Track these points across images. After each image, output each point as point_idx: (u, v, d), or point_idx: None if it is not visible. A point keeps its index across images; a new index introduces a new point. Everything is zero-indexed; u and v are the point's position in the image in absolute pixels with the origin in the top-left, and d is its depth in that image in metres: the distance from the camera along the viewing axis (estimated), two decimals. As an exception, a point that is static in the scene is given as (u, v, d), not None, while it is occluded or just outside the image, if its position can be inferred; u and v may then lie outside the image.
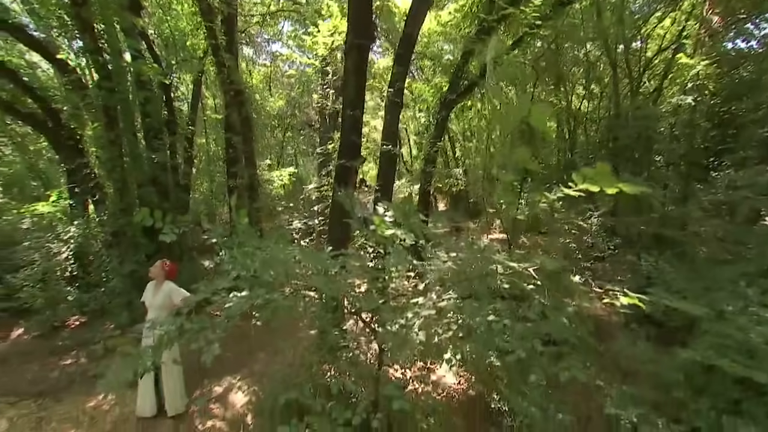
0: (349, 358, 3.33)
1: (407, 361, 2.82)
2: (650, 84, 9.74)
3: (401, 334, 2.15)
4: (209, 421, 3.71)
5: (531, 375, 3.16)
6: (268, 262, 1.96)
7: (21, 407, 3.95)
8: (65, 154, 6.10)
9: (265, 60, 13.68)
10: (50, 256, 5.75)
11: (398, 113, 5.66)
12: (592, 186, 1.31)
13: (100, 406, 3.98)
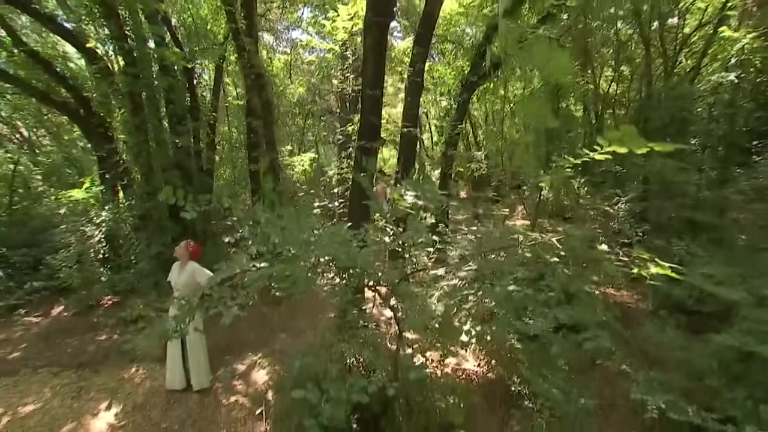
0: (368, 337, 3.35)
1: (423, 332, 2.77)
2: (687, 63, 9.15)
3: (418, 303, 2.12)
4: (232, 396, 3.84)
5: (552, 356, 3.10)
6: (288, 237, 1.97)
7: (63, 377, 4.21)
8: (96, 141, 6.34)
9: (285, 48, 13.72)
10: (84, 239, 6.03)
11: (419, 95, 5.55)
12: (619, 148, 1.23)
13: (132, 378, 4.19)
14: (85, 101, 6.13)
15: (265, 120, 5.77)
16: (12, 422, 3.55)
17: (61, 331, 5.08)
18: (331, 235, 2.13)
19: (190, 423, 3.50)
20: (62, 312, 5.63)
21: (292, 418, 3.01)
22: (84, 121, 6.31)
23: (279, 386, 3.66)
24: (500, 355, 3.87)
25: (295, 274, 1.97)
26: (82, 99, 6.11)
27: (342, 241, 2.18)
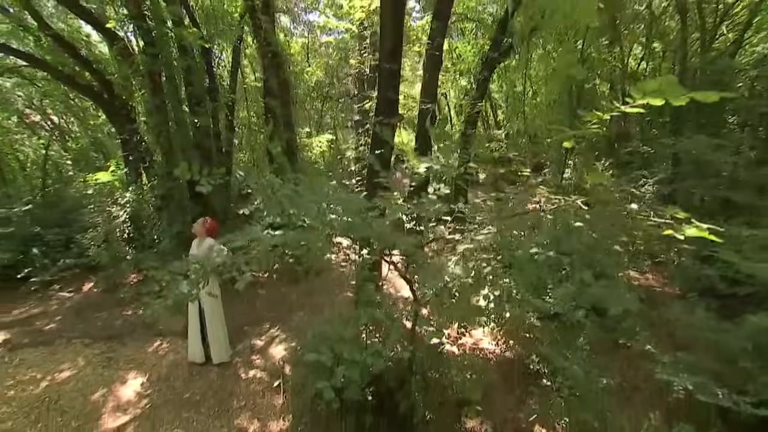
0: (384, 313, 3.35)
1: (440, 306, 2.72)
2: (728, 36, 8.53)
3: (435, 274, 2.07)
4: (251, 370, 3.94)
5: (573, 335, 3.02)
6: (302, 203, 1.95)
7: (94, 348, 4.42)
8: (119, 124, 6.49)
9: (302, 31, 13.59)
10: (110, 220, 6.24)
11: (438, 70, 5.39)
12: (655, 100, 1.11)
13: (157, 351, 4.35)
14: (108, 84, 6.25)
15: (282, 99, 5.75)
16: (50, 386, 3.77)
17: (91, 306, 5.32)
18: (347, 203, 2.09)
19: (210, 394, 3.62)
20: (92, 288, 5.89)
21: (309, 391, 3.05)
22: (107, 104, 6.45)
23: (296, 361, 3.72)
24: (518, 334, 3.81)
25: (309, 242, 1.95)
26: (105, 82, 6.24)
27: (358, 209, 2.14)
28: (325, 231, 2.03)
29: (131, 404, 3.52)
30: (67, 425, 3.29)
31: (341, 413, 2.86)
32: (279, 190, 1.95)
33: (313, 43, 13.69)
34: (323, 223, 2.17)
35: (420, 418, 2.79)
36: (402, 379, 2.91)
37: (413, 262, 2.48)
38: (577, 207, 1.98)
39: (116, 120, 6.65)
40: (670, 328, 3.63)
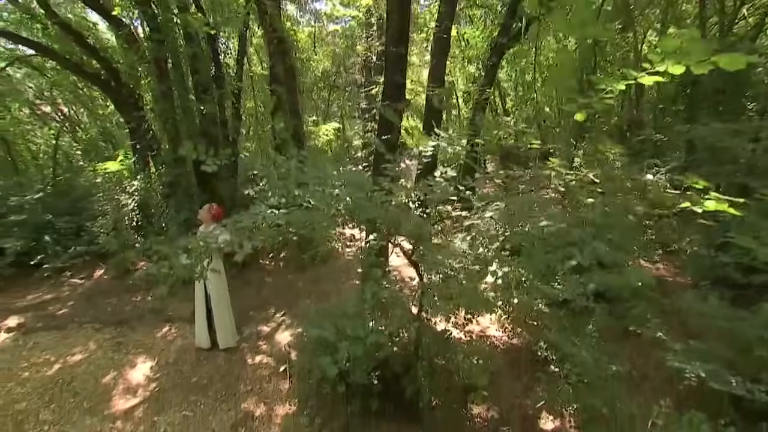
0: (391, 298, 3.33)
1: (445, 283, 2.68)
2: (749, 21, 8.20)
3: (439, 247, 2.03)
4: (258, 355, 3.97)
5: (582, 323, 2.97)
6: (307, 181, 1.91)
7: (104, 332, 4.50)
8: (127, 112, 6.51)
9: (309, 19, 13.46)
10: (119, 208, 6.31)
11: (446, 55, 5.28)
12: (675, 67, 1.04)
13: (165, 336, 4.41)
14: (115, 73, 6.26)
15: (288, 86, 5.71)
16: (62, 369, 3.85)
17: (101, 292, 5.40)
18: (352, 181, 2.05)
19: (218, 378, 3.65)
20: (102, 275, 5.97)
21: (314, 376, 3.06)
22: (115, 92, 6.47)
23: (302, 346, 3.73)
24: (525, 321, 3.77)
25: (313, 222, 1.93)
26: (112, 70, 6.25)
27: (362, 186, 2.11)
28: (330, 211, 2.00)
29: (140, 387, 3.57)
30: (80, 406, 3.35)
31: (347, 397, 2.86)
32: (282, 167, 1.92)
33: (319, 32, 13.56)
34: (327, 203, 2.14)
35: (426, 403, 2.78)
36: (408, 364, 2.90)
37: (420, 244, 2.44)
38: (589, 181, 1.91)
39: (124, 109, 6.67)
40: (682, 317, 3.56)
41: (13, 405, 3.37)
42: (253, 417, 3.16)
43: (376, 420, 2.81)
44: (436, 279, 3.14)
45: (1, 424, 3.16)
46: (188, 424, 3.09)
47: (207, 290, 3.94)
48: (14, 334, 4.54)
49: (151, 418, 3.16)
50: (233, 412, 3.21)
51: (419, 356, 2.82)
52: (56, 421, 3.19)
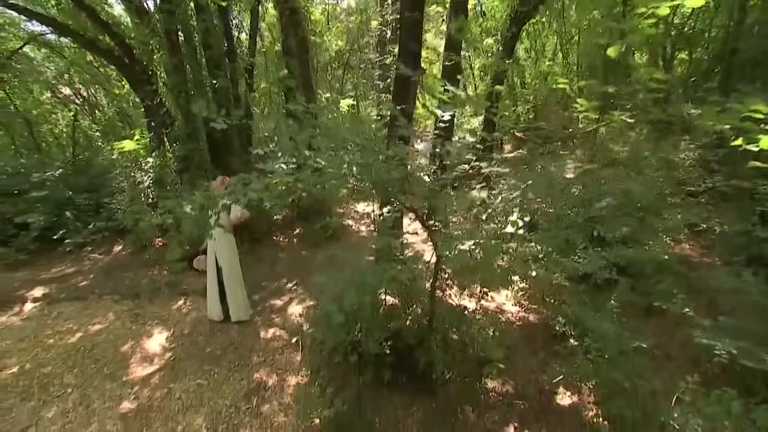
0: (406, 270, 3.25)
1: (459, 257, 2.58)
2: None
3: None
4: (271, 328, 3.99)
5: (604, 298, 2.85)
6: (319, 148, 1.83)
7: (123, 304, 4.60)
8: (141, 89, 6.49)
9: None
10: (135, 185, 6.37)
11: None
12: None
13: (180, 309, 4.48)
14: (128, 49, 6.23)
15: (300, 59, 5.58)
16: (84, 337, 3.96)
17: (119, 267, 5.51)
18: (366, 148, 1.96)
19: (231, 349, 3.69)
20: (121, 251, 6.09)
21: (327, 346, 3.04)
22: (128, 69, 6.45)
23: (315, 319, 3.72)
24: (543, 296, 3.66)
25: (325, 181, 1.85)
26: (125, 46, 6.21)
27: (376, 151, 2.01)
28: (340, 171, 1.91)
29: (157, 356, 3.64)
30: (100, 371, 3.45)
31: (359, 368, 2.84)
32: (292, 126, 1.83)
33: (333, 9, 13.25)
34: (339, 165, 2.05)
35: (439, 375, 2.73)
36: (421, 336, 2.84)
37: (435, 213, 2.35)
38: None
39: (138, 86, 6.66)
40: (711, 294, 3.39)
41: (39, 369, 3.49)
42: (265, 387, 3.18)
43: (388, 391, 2.79)
44: (452, 252, 3.05)
45: (27, 386, 3.28)
46: (202, 392, 3.13)
47: (218, 263, 3.95)
48: (40, 304, 4.69)
49: (167, 385, 3.22)
50: (246, 382, 3.24)
51: (433, 328, 2.75)
52: (79, 385, 3.28)
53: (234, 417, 2.86)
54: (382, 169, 1.94)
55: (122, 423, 2.84)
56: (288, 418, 2.82)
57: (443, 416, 2.68)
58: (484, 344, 2.83)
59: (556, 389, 2.85)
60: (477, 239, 3.21)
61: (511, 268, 2.99)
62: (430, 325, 2.76)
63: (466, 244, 3.33)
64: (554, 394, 2.81)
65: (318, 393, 2.91)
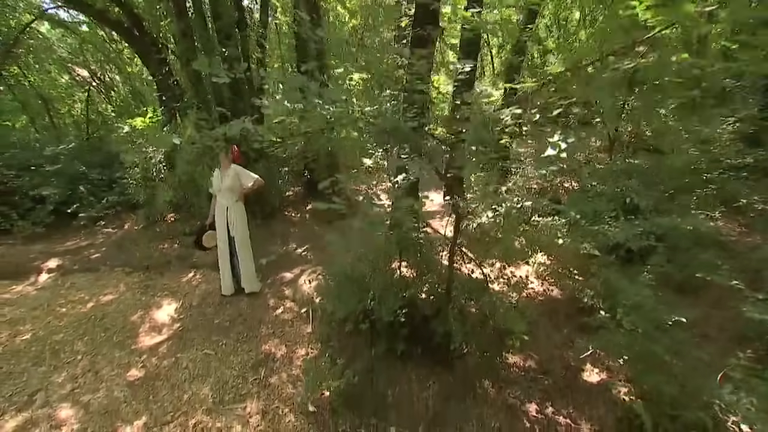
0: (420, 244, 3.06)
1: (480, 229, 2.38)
2: None
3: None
4: (281, 301, 3.89)
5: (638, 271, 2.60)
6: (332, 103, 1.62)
7: (133, 276, 4.57)
8: (151, 62, 6.38)
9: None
10: (147, 160, 6.30)
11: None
12: None
13: (190, 281, 4.41)
14: (137, 20, 6.09)
15: (312, 24, 5.31)
16: (95, 307, 3.95)
17: (131, 240, 5.49)
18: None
19: (240, 321, 3.60)
20: (133, 225, 6.07)
21: (337, 316, 2.90)
22: (138, 42, 6.33)
23: (325, 290, 3.57)
24: (567, 269, 3.41)
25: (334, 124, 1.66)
26: (134, 17, 6.07)
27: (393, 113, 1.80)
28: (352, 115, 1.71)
29: (165, 326, 3.58)
30: (110, 340, 3.41)
31: (371, 339, 2.69)
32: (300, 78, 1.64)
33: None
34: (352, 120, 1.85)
35: (457, 347, 2.55)
36: (438, 306, 2.66)
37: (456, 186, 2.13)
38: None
39: (149, 60, 6.55)
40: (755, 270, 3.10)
41: (51, 336, 3.49)
42: (273, 358, 3.08)
43: (402, 363, 2.64)
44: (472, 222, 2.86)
45: (39, 352, 3.28)
46: (209, 362, 3.05)
47: (230, 233, 3.84)
48: (54, 275, 4.70)
49: (175, 355, 3.15)
50: (254, 353, 3.14)
51: (451, 297, 2.57)
52: (88, 352, 3.25)
53: (241, 387, 2.76)
54: (399, 112, 1.74)
55: (129, 390, 2.77)
56: (296, 390, 2.70)
57: (461, 391, 2.52)
58: (504, 316, 2.62)
59: (582, 365, 2.65)
60: (499, 207, 3.00)
61: (534, 238, 2.77)
62: (447, 293, 2.57)
63: (483, 216, 3.13)
64: (581, 371, 2.61)
65: (328, 364, 2.78)
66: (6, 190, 6.01)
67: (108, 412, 2.55)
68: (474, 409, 2.41)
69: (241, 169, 3.83)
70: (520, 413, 2.36)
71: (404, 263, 3.03)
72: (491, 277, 2.94)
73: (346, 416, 2.41)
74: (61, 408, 2.63)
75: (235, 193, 3.81)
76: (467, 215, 2.99)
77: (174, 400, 2.64)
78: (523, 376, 2.63)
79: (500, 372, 2.64)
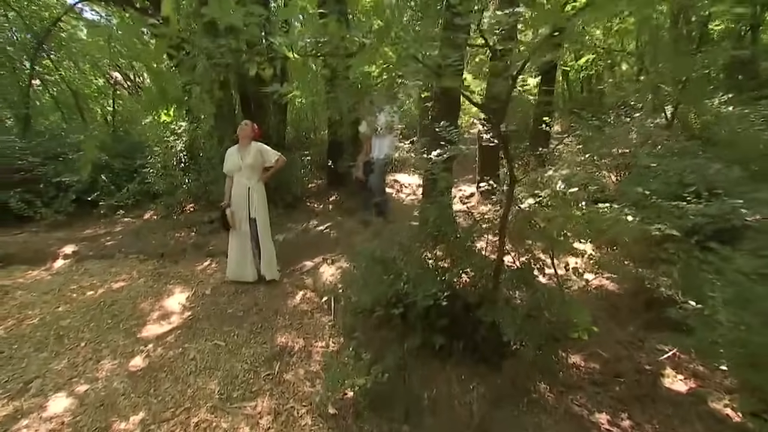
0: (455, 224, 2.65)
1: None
2: None
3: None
4: (300, 290, 3.56)
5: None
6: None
7: (147, 264, 4.37)
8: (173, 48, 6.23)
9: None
10: (167, 150, 6.17)
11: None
12: None
13: (205, 270, 4.15)
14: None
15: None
16: (105, 293, 3.76)
17: (148, 229, 5.31)
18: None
19: (254, 311, 3.29)
20: (152, 215, 5.93)
21: (363, 303, 2.52)
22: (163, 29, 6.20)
23: (348, 280, 3.21)
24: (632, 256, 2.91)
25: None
26: (157, 3, 5.95)
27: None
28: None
29: (175, 314, 3.31)
30: (116, 327, 3.17)
31: (403, 331, 2.30)
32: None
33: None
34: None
35: (506, 345, 2.12)
36: (482, 295, 2.24)
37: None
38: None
39: (172, 47, 6.42)
40: None
41: (58, 321, 3.29)
42: (290, 352, 2.72)
43: (440, 360, 2.23)
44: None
45: (44, 337, 3.08)
46: (218, 353, 2.72)
47: (251, 215, 3.58)
48: (69, 261, 4.56)
49: (182, 345, 2.85)
50: (268, 346, 2.80)
51: (498, 283, 2.14)
52: (93, 339, 3.02)
53: (252, 383, 2.42)
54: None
55: (130, 381, 2.48)
56: (315, 388, 2.34)
57: (512, 394, 2.08)
58: (561, 308, 2.17)
59: (661, 369, 2.16)
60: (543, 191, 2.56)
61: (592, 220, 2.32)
62: (496, 277, 2.15)
63: (526, 201, 2.70)
64: (660, 376, 2.12)
65: (352, 360, 2.40)
66: (32, 178, 5.99)
67: (104, 405, 2.25)
68: (529, 417, 1.97)
69: (262, 146, 3.59)
70: (588, 424, 1.90)
71: (438, 249, 2.63)
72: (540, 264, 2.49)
73: (373, 421, 2.02)
74: (55, 398, 2.36)
75: (257, 171, 3.56)
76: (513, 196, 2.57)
77: (176, 394, 2.32)
78: (587, 380, 2.16)
79: (558, 374, 2.19)
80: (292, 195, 5.58)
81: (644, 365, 2.20)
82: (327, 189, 6.29)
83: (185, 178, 5.95)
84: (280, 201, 5.26)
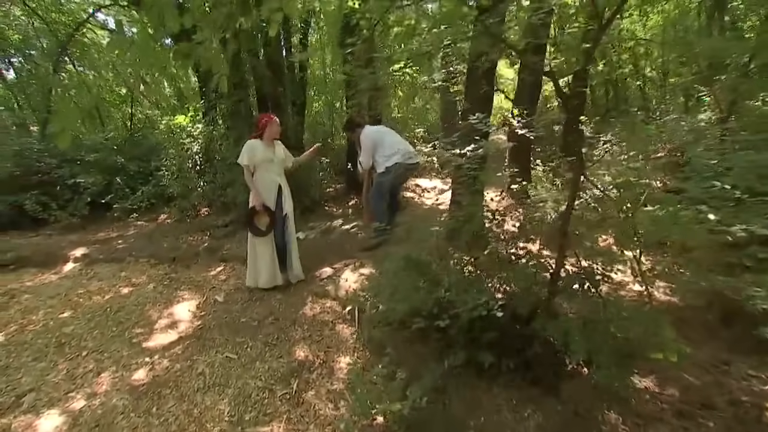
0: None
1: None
2: None
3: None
4: (319, 299, 3.24)
5: None
6: None
7: (158, 268, 4.16)
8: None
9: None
10: (183, 152, 6.02)
11: None
12: None
13: (218, 275, 3.91)
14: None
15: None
16: (113, 298, 3.57)
17: (161, 233, 5.14)
18: None
19: (270, 321, 2.99)
20: (166, 219, 5.76)
21: (393, 315, 2.20)
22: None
23: (376, 287, 2.89)
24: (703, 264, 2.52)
25: None
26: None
27: None
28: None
29: (184, 323, 3.06)
30: (121, 335, 2.93)
31: (441, 346, 1.97)
32: None
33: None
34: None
35: (562, 363, 1.77)
36: (535, 304, 1.91)
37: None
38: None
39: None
40: None
41: (61, 328, 3.09)
42: (310, 368, 2.41)
43: (487, 381, 1.88)
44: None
45: (44, 345, 2.88)
46: (230, 368, 2.44)
47: (283, 207, 3.40)
48: (79, 264, 4.40)
49: (190, 357, 2.58)
50: (285, 360, 2.50)
51: (557, 289, 1.80)
52: (95, 348, 2.78)
53: (267, 403, 2.12)
54: None
55: (130, 397, 2.21)
56: (338, 411, 2.02)
57: (575, 424, 1.72)
58: (633, 321, 1.81)
59: (764, 401, 1.77)
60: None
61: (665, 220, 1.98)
62: (553, 283, 1.81)
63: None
64: (764, 409, 1.73)
65: (382, 380, 2.07)
66: (49, 180, 5.93)
67: (99, 426, 1.98)
68: (601, 458, 1.61)
69: (282, 145, 3.44)
70: (679, 470, 1.53)
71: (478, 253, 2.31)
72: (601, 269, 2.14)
73: (409, 454, 1.69)
74: (47, 415, 2.10)
75: (283, 168, 3.42)
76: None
77: (181, 414, 2.03)
78: (669, 411, 1.79)
79: (630, 400, 1.82)
80: (310, 198, 5.34)
81: (739, 395, 1.81)
82: (346, 193, 6.04)
83: (200, 180, 5.79)
84: (297, 204, 5.01)
